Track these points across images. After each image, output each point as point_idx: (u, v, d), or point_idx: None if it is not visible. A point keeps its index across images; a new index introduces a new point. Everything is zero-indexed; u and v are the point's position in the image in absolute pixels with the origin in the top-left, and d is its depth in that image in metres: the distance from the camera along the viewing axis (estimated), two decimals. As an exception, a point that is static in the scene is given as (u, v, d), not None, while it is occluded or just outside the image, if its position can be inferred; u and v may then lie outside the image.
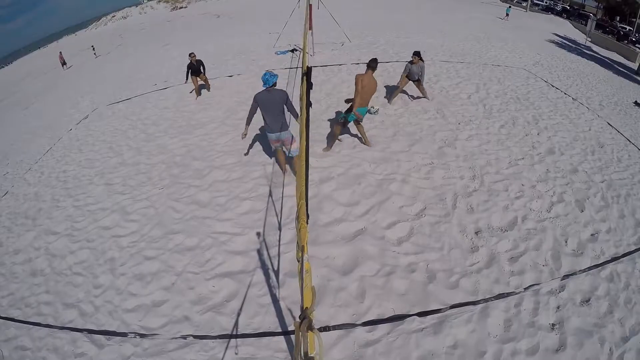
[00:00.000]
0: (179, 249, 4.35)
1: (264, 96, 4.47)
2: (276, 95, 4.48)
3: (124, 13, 54.62)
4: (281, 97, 4.50)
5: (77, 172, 6.74)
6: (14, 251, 4.95)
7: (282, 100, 4.51)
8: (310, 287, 1.47)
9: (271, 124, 4.61)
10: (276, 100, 4.49)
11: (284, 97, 4.51)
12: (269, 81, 4.41)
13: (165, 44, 20.87)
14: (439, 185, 5.12)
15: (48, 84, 19.65)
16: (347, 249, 4.06)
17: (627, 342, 3.13)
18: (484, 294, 3.53)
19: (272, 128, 4.64)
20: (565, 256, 4.00)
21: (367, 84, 5.17)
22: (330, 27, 13.48)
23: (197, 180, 5.65)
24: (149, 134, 7.67)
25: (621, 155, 6.30)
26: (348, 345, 3.10)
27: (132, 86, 11.89)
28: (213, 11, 36.55)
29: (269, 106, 4.51)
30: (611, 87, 10.92)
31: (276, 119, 4.58)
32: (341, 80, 9.37)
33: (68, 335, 3.54)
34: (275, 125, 4.61)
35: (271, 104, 4.49)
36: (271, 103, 4.49)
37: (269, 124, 4.63)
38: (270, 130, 4.68)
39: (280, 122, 4.61)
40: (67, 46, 34.76)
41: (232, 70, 11.10)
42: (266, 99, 4.47)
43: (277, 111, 4.54)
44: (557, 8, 37.13)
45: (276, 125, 4.61)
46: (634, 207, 4.92)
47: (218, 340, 3.25)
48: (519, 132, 6.68)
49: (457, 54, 11.94)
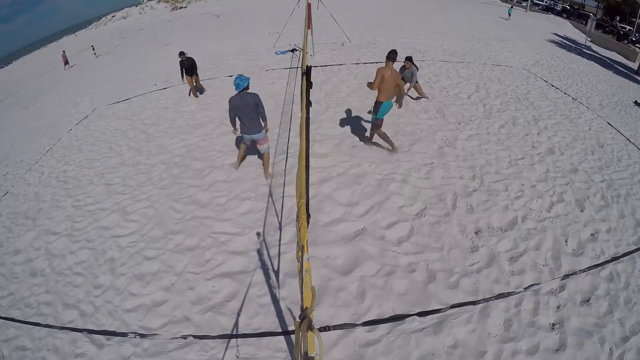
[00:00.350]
0: (179, 249, 4.35)
1: (237, 101, 4.64)
2: (248, 98, 4.63)
3: (124, 13, 54.65)
4: (253, 100, 4.65)
5: (77, 172, 6.73)
6: (14, 251, 4.95)
7: (254, 104, 4.66)
8: (310, 287, 1.47)
9: (246, 127, 4.82)
10: (249, 103, 4.63)
11: (256, 101, 4.66)
12: (240, 85, 4.56)
13: (166, 44, 20.88)
14: (439, 185, 5.12)
15: (48, 84, 19.65)
16: (347, 249, 4.06)
17: (627, 342, 3.12)
18: (484, 294, 3.53)
19: (247, 130, 4.85)
20: (565, 256, 4.00)
21: (388, 76, 5.11)
22: (330, 27, 13.48)
23: (197, 181, 5.65)
24: (149, 134, 7.67)
25: (621, 155, 6.30)
26: (348, 345, 3.10)
27: (132, 86, 11.89)
28: (213, 11, 36.56)
29: (243, 109, 4.66)
30: (611, 87, 10.92)
31: (250, 122, 4.76)
32: (341, 80, 9.37)
33: (68, 335, 3.53)
34: (249, 127, 4.82)
35: (245, 107, 4.64)
36: (244, 106, 4.64)
37: (244, 126, 4.84)
38: (245, 132, 4.90)
39: (254, 124, 4.79)
40: (67, 46, 34.73)
41: (232, 70, 11.09)
42: (239, 103, 4.63)
43: (250, 114, 4.69)
44: (557, 8, 37.16)
45: (250, 128, 4.82)
46: (634, 207, 4.92)
47: (218, 341, 3.25)
48: (519, 132, 6.67)
49: (457, 53, 11.94)
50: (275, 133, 6.85)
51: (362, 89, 8.72)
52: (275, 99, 8.50)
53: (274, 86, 9.37)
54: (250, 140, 5.05)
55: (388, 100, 5.33)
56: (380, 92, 5.23)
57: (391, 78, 5.12)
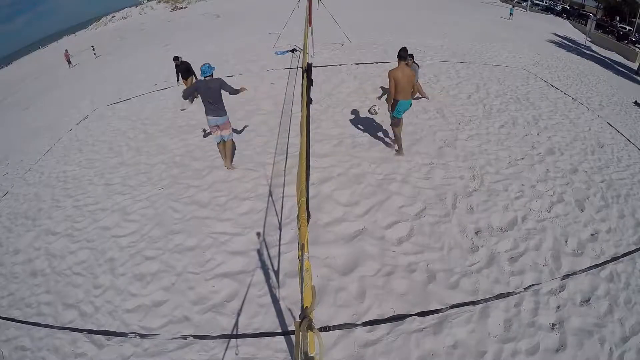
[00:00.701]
0: (179, 249, 4.35)
1: (203, 85, 5.09)
2: (212, 83, 5.08)
3: (124, 13, 54.67)
4: (217, 84, 5.09)
5: (77, 173, 6.74)
6: (14, 251, 4.95)
7: (218, 87, 5.10)
8: (311, 287, 1.47)
9: (210, 110, 5.20)
10: (213, 87, 5.07)
11: (219, 84, 5.11)
12: (207, 72, 5.05)
13: (166, 44, 20.88)
14: (439, 185, 5.12)
15: (48, 84, 19.65)
16: (347, 249, 4.06)
17: (627, 342, 3.12)
18: (484, 294, 3.53)
19: (211, 112, 5.22)
20: (565, 256, 4.00)
21: (402, 76, 5.03)
22: (330, 27, 13.47)
23: (197, 181, 5.65)
24: (149, 134, 7.67)
25: (621, 155, 6.30)
26: (348, 345, 3.10)
27: (132, 86, 11.89)
28: (213, 11, 36.55)
29: (207, 93, 5.09)
30: (611, 87, 10.92)
31: (214, 105, 5.17)
32: (341, 80, 9.37)
33: (68, 335, 3.53)
34: (213, 110, 5.20)
35: (209, 91, 5.08)
36: (209, 90, 5.08)
37: (208, 110, 5.22)
38: (209, 114, 5.25)
39: (218, 107, 5.21)
40: (67, 46, 34.71)
41: (232, 70, 11.10)
42: (204, 87, 5.08)
43: (214, 98, 5.13)
44: (557, 8, 37.18)
45: (214, 111, 5.20)
46: (634, 207, 4.92)
47: (218, 341, 3.25)
48: (519, 132, 6.68)
49: (457, 54, 11.94)
50: (275, 133, 6.86)
51: (362, 89, 8.73)
52: (275, 99, 8.51)
53: (274, 86, 9.37)
54: (215, 125, 5.32)
55: (405, 99, 5.22)
56: (397, 92, 5.14)
57: (404, 77, 5.05)
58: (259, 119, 7.56)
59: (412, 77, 5.13)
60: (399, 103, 5.22)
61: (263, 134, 6.87)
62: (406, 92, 5.17)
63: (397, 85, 5.06)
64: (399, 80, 5.03)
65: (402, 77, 5.02)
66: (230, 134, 5.50)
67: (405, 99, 5.20)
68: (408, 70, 5.11)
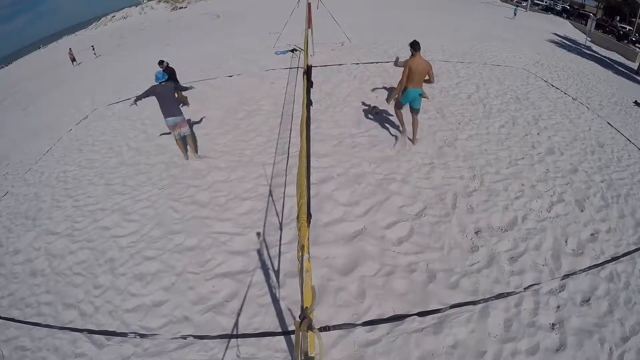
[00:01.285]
0: (179, 249, 4.35)
1: (160, 88, 5.66)
2: (167, 87, 5.75)
3: (124, 13, 54.64)
4: (171, 87, 5.83)
5: (77, 173, 6.74)
6: (14, 251, 4.95)
7: (172, 89, 5.82)
8: (311, 287, 1.47)
9: (167, 111, 5.71)
10: (167, 90, 5.72)
11: (172, 86, 5.92)
12: (161, 78, 5.68)
13: (166, 44, 20.89)
14: (439, 185, 5.12)
15: (48, 84, 19.64)
16: (347, 249, 4.06)
17: (627, 342, 3.12)
18: (484, 294, 3.53)
19: (169, 114, 5.73)
20: (565, 256, 4.00)
21: (416, 66, 5.25)
22: (330, 27, 13.47)
23: (197, 181, 5.65)
24: (149, 134, 7.67)
25: (621, 155, 6.29)
26: (348, 345, 3.10)
27: (132, 86, 11.87)
28: (213, 11, 36.56)
29: (164, 95, 5.66)
30: (611, 87, 10.91)
31: (170, 106, 5.73)
32: (341, 80, 9.36)
33: (68, 335, 3.53)
34: (170, 111, 5.72)
35: (165, 93, 5.67)
36: (165, 93, 5.67)
37: (166, 111, 5.72)
38: (167, 116, 5.74)
39: (173, 108, 5.76)
40: (67, 46, 34.70)
41: (232, 70, 11.10)
42: (161, 90, 5.65)
43: (170, 99, 5.73)
44: (557, 8, 37.19)
45: (171, 111, 5.72)
46: (634, 207, 4.92)
47: (218, 341, 3.25)
48: (519, 132, 6.67)
49: (457, 54, 11.93)
50: (275, 133, 6.86)
51: (362, 89, 8.72)
52: (276, 98, 8.51)
53: (274, 86, 9.37)
54: (173, 125, 5.81)
55: (414, 88, 5.46)
56: (409, 81, 5.40)
57: (418, 67, 5.28)
58: (259, 118, 7.56)
59: (425, 69, 5.35)
60: (407, 90, 5.47)
61: (263, 134, 6.87)
62: (416, 82, 5.42)
63: (410, 74, 5.31)
64: (413, 70, 5.29)
65: (416, 67, 5.27)
66: (187, 130, 6.02)
67: (414, 87, 5.46)
68: (423, 62, 5.33)
